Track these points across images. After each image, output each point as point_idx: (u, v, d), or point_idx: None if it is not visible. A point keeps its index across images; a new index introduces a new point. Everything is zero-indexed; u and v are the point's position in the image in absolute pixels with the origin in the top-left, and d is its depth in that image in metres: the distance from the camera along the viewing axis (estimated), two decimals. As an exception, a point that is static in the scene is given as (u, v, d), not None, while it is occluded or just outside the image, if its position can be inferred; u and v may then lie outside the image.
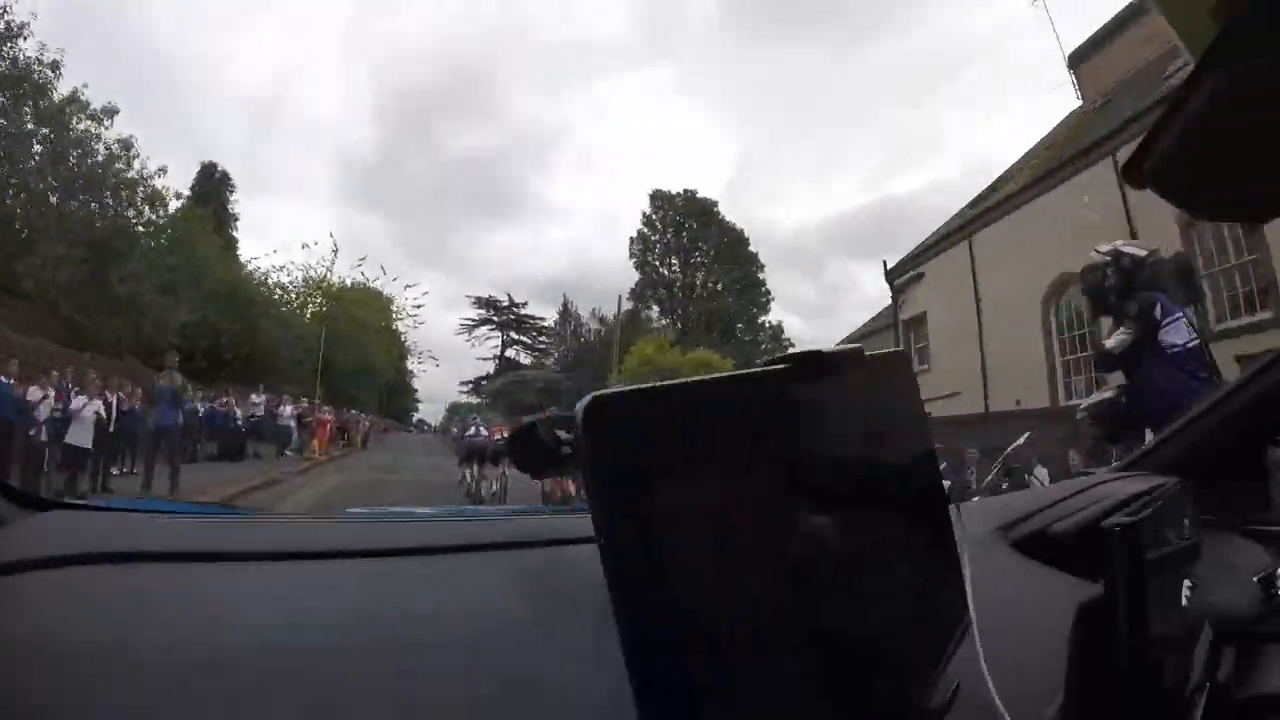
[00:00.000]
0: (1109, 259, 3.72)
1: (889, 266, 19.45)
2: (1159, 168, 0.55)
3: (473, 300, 49.61)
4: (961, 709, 0.51)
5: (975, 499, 1.35)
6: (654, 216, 45.31)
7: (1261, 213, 0.62)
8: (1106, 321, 3.95)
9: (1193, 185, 0.58)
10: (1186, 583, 0.78)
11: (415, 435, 42.94)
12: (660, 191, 45.48)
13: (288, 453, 17.31)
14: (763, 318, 44.78)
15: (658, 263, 45.16)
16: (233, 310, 23.43)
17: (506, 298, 50.07)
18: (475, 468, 10.88)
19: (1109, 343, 3.72)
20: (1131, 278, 3.63)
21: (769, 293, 44.58)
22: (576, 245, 72.00)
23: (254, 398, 18.35)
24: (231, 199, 32.59)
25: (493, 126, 72.47)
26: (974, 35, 68.53)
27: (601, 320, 48.44)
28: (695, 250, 44.55)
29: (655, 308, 44.91)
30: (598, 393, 0.30)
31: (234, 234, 31.52)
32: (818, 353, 0.45)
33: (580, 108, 74.21)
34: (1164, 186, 0.57)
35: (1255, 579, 1.00)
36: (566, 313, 49.95)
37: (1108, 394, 3.84)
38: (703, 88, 74.84)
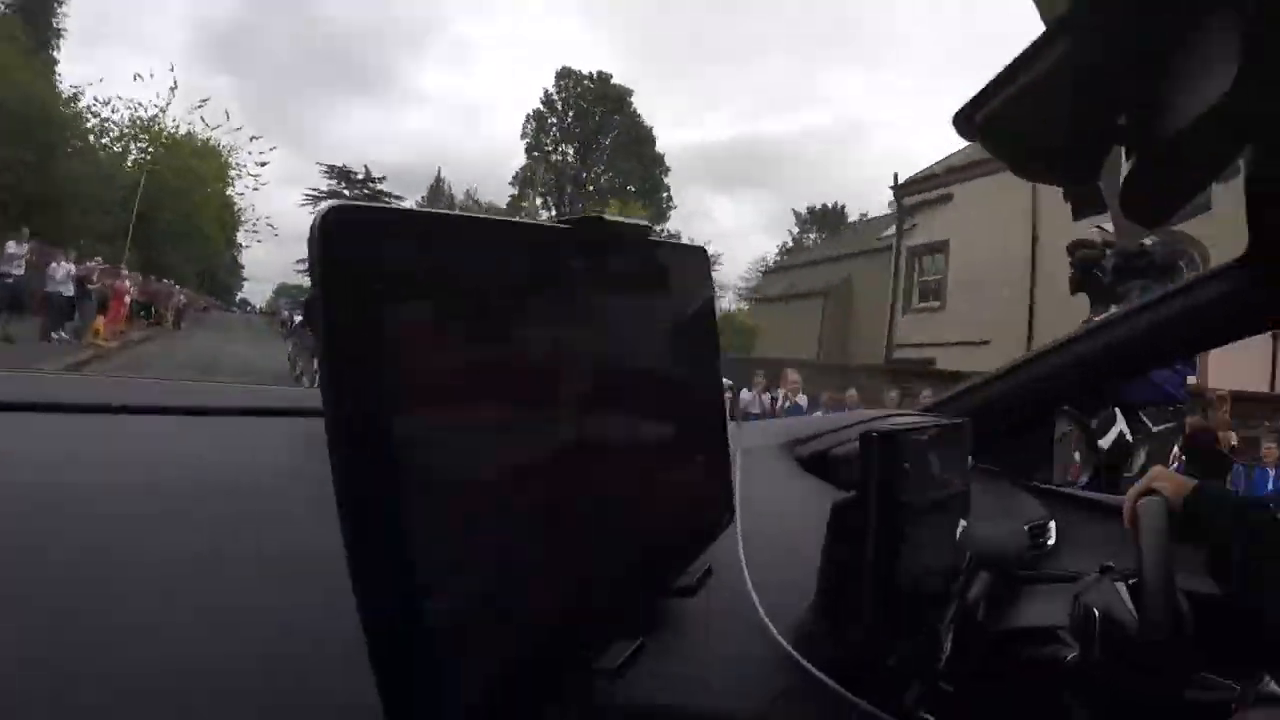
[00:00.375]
0: (1112, 238, 3.73)
1: (899, 181, 17.10)
2: (992, 122, 0.57)
3: (324, 170, 41.75)
4: (716, 592, 0.54)
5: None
6: (557, 97, 40.20)
7: (1079, 176, 0.66)
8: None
9: (1020, 143, 0.62)
10: (962, 522, 0.82)
11: (239, 316, 37.66)
12: (569, 69, 40.28)
13: (60, 335, 12.40)
14: (662, 226, 41.10)
15: (551, 148, 40.45)
16: (24, 135, 17.44)
17: (363, 170, 43.10)
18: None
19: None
20: (1130, 261, 3.63)
21: (671, 199, 41.42)
22: (437, 137, 65.64)
23: (11, 247, 12.84)
24: (60, 10, 25.09)
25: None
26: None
27: (476, 203, 43.40)
28: (596, 142, 40.14)
29: (539, 199, 40.40)
30: (339, 203, 0.26)
31: (54, 54, 24.42)
32: (599, 217, 0.45)
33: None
34: (993, 141, 0.60)
35: (1026, 526, 1.12)
36: (438, 190, 44.22)
37: None
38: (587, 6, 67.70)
